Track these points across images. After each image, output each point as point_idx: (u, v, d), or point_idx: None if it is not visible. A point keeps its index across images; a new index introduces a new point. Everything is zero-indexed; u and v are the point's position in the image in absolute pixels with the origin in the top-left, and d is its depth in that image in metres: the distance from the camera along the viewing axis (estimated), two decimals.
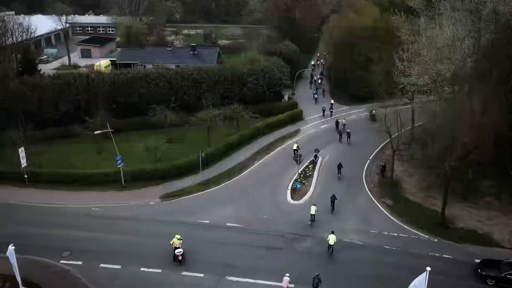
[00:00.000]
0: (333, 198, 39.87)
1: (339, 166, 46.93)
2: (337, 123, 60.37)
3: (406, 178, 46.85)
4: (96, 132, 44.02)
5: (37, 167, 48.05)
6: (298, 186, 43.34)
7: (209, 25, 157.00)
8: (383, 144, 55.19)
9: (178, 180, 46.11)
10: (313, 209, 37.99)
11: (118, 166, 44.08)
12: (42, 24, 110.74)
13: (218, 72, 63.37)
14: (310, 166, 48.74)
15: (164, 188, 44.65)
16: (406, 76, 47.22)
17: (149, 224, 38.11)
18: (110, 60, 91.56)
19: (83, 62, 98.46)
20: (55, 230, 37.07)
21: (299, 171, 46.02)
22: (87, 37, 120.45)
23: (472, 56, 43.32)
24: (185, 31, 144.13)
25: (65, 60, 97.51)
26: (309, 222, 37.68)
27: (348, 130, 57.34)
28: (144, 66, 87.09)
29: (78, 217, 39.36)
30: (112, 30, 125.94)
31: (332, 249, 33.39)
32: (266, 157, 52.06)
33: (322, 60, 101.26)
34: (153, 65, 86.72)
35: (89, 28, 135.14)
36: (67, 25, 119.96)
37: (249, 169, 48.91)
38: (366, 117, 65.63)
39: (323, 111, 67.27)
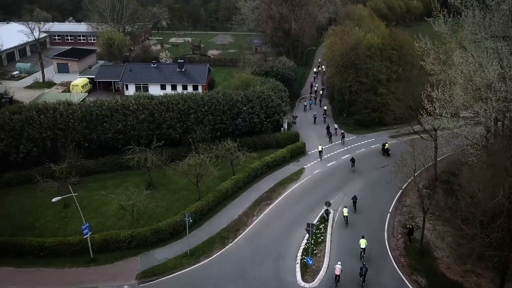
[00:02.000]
0: (355, 199, 43.48)
1: (352, 160, 51.62)
2: (328, 127, 62.56)
3: (437, 242, 38.73)
4: (54, 200, 35.22)
5: None
6: (310, 262, 34.88)
7: (198, 32, 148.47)
8: (402, 189, 47.33)
9: (160, 249, 37.65)
10: (345, 211, 41.24)
11: (85, 237, 35.40)
12: (16, 34, 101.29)
13: (208, 101, 54.83)
14: (321, 226, 40.36)
15: (142, 262, 36.07)
16: (436, 117, 39.21)
17: None
18: (88, 78, 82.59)
19: (59, 78, 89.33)
20: None
21: (310, 238, 37.23)
22: (66, 47, 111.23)
23: None
24: (173, 39, 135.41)
25: (39, 75, 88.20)
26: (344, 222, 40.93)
27: (342, 131, 61.05)
28: (126, 86, 78.55)
29: None
30: (93, 39, 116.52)
31: (364, 253, 35.56)
32: (266, 210, 43.66)
33: (323, 67, 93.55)
34: (135, 86, 78.20)
35: (69, 37, 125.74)
36: (44, 34, 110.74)
37: (247, 230, 40.49)
38: (377, 150, 57.43)
39: (314, 118, 67.27)
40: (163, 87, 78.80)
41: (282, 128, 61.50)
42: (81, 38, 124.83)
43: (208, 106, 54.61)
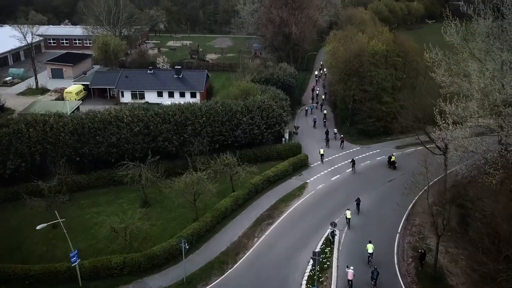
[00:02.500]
0: (358, 201, 44.04)
1: (353, 161, 52.80)
2: (327, 132, 61.38)
3: (450, 267, 36.29)
4: (38, 227, 32.65)
5: None
6: None
7: (196, 35, 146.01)
8: (410, 206, 44.96)
9: (155, 276, 35.18)
10: (348, 213, 41.52)
11: (73, 265, 32.89)
12: (9, 38, 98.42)
13: (207, 111, 52.35)
14: (326, 250, 37.84)
15: None
16: (448, 133, 36.78)
17: None
18: (82, 85, 79.97)
19: (53, 84, 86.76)
20: None
21: (316, 268, 34.50)
22: (61, 51, 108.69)
23: None
24: (170, 43, 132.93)
25: (33, 81, 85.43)
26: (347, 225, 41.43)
27: (341, 136, 60.36)
28: (122, 93, 76.10)
29: None
30: (89, 43, 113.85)
31: (372, 257, 35.90)
32: (268, 230, 41.13)
33: (324, 70, 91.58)
34: (131, 93, 75.79)
35: (64, 41, 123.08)
36: (38, 38, 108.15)
37: (247, 253, 37.96)
38: (383, 162, 55.00)
39: (314, 122, 66.84)
40: (159, 94, 76.46)
41: (283, 139, 59.08)
42: (77, 41, 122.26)
43: (206, 117, 52.19)
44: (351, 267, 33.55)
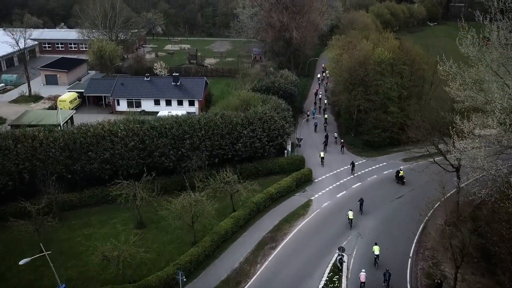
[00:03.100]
0: (361, 201, 44.55)
1: (352, 163, 53.17)
2: (327, 135, 61.52)
3: None
4: (21, 262, 30.03)
5: None
6: None
7: (194, 38, 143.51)
8: (421, 227, 42.38)
9: None
10: (351, 214, 41.96)
11: None
12: (2, 42, 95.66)
13: (205, 124, 49.74)
14: (335, 278, 35.20)
15: None
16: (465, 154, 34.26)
17: None
18: (76, 92, 77.26)
19: (47, 91, 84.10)
20: None
21: None
22: (56, 55, 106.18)
23: None
24: (168, 46, 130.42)
25: (26, 88, 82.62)
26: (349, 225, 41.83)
27: (342, 140, 60.57)
28: (118, 101, 73.49)
29: None
30: (85, 47, 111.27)
31: (378, 259, 36.12)
32: (271, 256, 38.38)
33: (327, 73, 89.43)
34: (127, 102, 73.16)
35: (59, 45, 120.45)
36: (32, 42, 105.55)
37: (249, 282, 35.08)
38: (390, 177, 52.51)
39: (315, 126, 66.85)
40: (157, 102, 73.94)
41: (285, 151, 56.49)
42: (72, 45, 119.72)
43: (205, 130, 49.58)
44: (363, 270, 34.19)
